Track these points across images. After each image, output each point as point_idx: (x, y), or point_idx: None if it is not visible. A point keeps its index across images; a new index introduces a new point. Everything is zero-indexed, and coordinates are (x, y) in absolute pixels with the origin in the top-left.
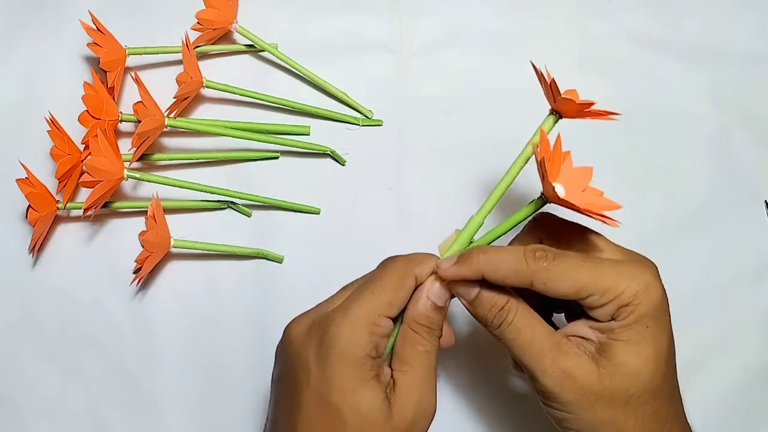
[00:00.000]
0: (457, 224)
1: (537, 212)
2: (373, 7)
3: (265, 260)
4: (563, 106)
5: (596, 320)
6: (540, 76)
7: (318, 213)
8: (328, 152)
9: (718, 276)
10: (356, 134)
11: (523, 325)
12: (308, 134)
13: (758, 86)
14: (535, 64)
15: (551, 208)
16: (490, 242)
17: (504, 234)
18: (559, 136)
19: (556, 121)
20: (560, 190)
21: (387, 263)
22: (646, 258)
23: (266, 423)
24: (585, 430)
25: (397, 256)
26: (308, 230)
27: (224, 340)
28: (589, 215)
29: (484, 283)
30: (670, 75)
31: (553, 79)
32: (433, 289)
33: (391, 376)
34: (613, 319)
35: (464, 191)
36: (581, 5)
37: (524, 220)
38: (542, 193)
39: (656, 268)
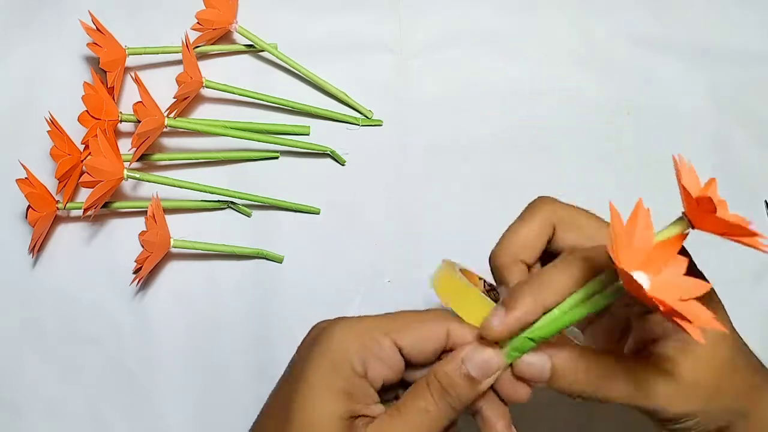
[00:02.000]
0: (457, 224)
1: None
2: (373, 7)
3: (265, 260)
4: (705, 219)
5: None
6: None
7: (318, 213)
8: (328, 152)
9: (718, 276)
10: (356, 134)
11: (615, 373)
12: (308, 134)
13: (758, 86)
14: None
15: None
16: (555, 332)
17: (571, 324)
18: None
19: (686, 230)
20: (642, 281)
21: (430, 309)
22: None
23: None
24: (714, 416)
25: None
26: (308, 230)
27: (224, 340)
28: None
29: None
30: (670, 75)
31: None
32: (472, 353)
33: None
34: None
35: (464, 191)
36: (581, 5)
37: (591, 312)
38: (622, 282)
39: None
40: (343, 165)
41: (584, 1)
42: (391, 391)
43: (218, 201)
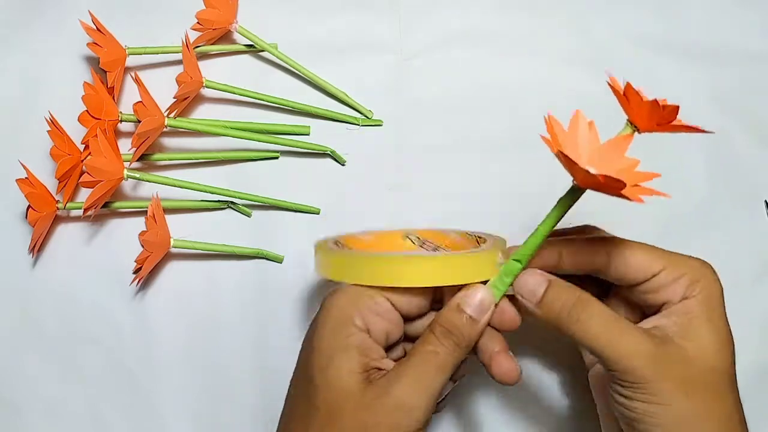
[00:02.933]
0: (457, 224)
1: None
2: (373, 7)
3: (265, 260)
4: (641, 114)
5: (667, 307)
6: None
7: (318, 213)
8: (328, 152)
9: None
10: (356, 134)
11: (606, 317)
12: (308, 134)
13: (758, 86)
14: (613, 81)
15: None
16: (530, 254)
17: (541, 242)
18: (577, 112)
19: (632, 134)
20: (592, 170)
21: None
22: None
23: None
24: (674, 423)
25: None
26: (308, 230)
27: (224, 340)
28: (625, 196)
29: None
30: (670, 75)
31: (628, 84)
32: (467, 296)
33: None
34: (685, 298)
35: (465, 191)
36: (581, 5)
37: (561, 217)
38: (574, 182)
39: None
40: (343, 165)
41: (584, 1)
42: (396, 348)
43: (218, 201)
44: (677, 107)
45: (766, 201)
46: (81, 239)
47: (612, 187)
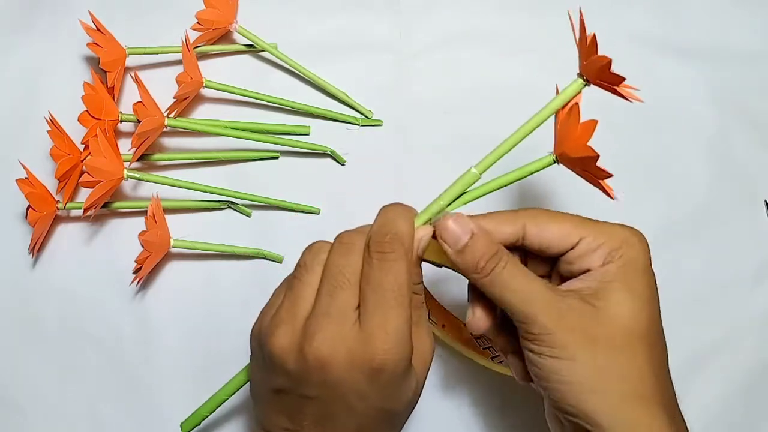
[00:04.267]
0: None
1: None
2: (373, 7)
3: (265, 260)
4: (593, 71)
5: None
6: (582, 28)
7: (318, 213)
8: (328, 152)
9: (718, 276)
10: (356, 134)
11: (517, 272)
12: (308, 134)
13: (758, 86)
14: (572, 17)
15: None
16: (485, 194)
17: (500, 188)
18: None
19: (582, 87)
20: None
21: (382, 271)
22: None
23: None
24: (579, 384)
25: (391, 258)
26: (308, 230)
27: (224, 340)
28: (596, 183)
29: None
30: (670, 75)
31: (594, 36)
32: (421, 246)
33: None
34: (603, 265)
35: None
36: (581, 5)
37: (529, 175)
38: (554, 154)
39: (642, 235)
40: (343, 165)
41: (584, 1)
42: None
43: (218, 201)
44: (609, 59)
45: (766, 201)
46: (81, 239)
47: (598, 175)
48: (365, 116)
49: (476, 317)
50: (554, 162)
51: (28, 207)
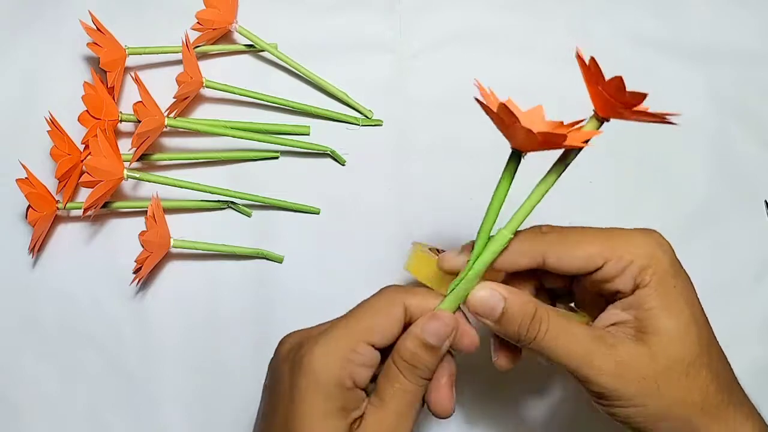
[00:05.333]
0: (457, 224)
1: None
2: (373, 6)
3: (265, 260)
4: (609, 101)
5: (622, 296)
6: (589, 65)
7: (318, 213)
8: (328, 152)
9: (718, 276)
10: (356, 134)
11: (560, 330)
12: (308, 134)
13: (758, 86)
14: (580, 53)
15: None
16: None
17: (491, 226)
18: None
19: (599, 125)
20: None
21: (382, 289)
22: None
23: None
24: (653, 418)
25: (391, 286)
26: (308, 230)
27: (224, 340)
28: (568, 145)
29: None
30: (670, 75)
31: (596, 64)
32: (427, 325)
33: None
34: (637, 287)
35: (464, 191)
36: (581, 5)
37: (508, 190)
38: (513, 148)
39: (662, 236)
40: (343, 165)
41: (584, 1)
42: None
43: (218, 201)
44: (644, 94)
45: (766, 201)
46: (81, 239)
47: (553, 141)
48: (365, 116)
49: (500, 361)
50: (519, 155)
51: (28, 207)
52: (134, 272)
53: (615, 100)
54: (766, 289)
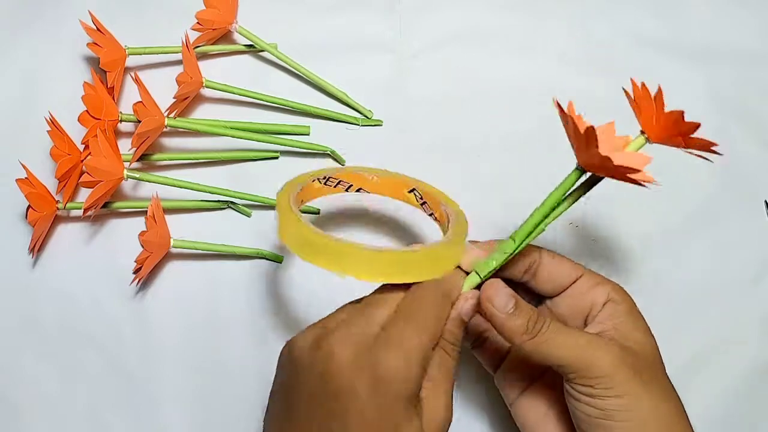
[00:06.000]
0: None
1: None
2: (373, 6)
3: (265, 260)
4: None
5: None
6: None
7: (318, 213)
8: (328, 152)
9: (718, 276)
10: (356, 134)
11: (559, 325)
12: (308, 134)
13: (758, 86)
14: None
15: None
16: (532, 231)
17: (543, 222)
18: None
19: (644, 144)
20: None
21: (423, 291)
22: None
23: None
24: (640, 414)
25: (432, 283)
26: None
27: (224, 340)
28: (628, 179)
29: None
30: (670, 75)
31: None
32: (465, 308)
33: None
34: (609, 302)
35: (464, 191)
36: (581, 5)
37: (565, 194)
38: (578, 164)
39: (625, 295)
40: (343, 165)
41: (584, 1)
42: None
43: (218, 201)
44: (698, 124)
45: (766, 201)
46: (81, 239)
47: (624, 172)
48: (365, 116)
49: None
50: (583, 172)
51: (28, 207)
52: (134, 272)
53: (672, 131)
54: (766, 289)
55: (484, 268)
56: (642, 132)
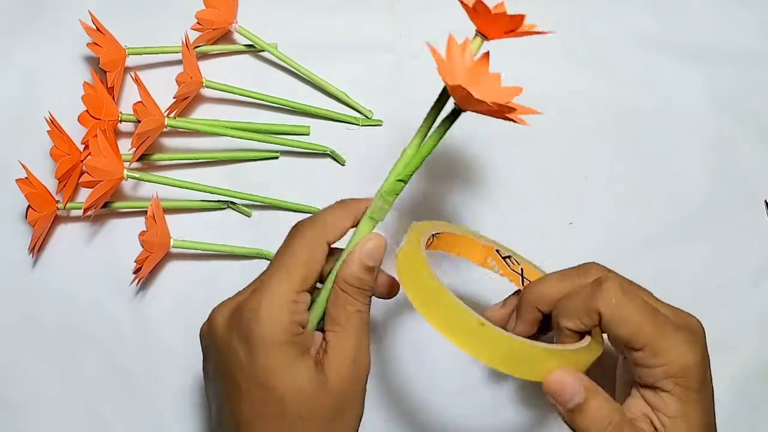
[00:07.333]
0: (456, 224)
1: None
2: (373, 6)
3: (265, 260)
4: (490, 25)
5: (644, 383)
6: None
7: None
8: (328, 152)
9: (718, 276)
10: (356, 134)
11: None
12: (308, 134)
13: (758, 86)
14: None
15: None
16: (419, 165)
17: (429, 154)
18: (450, 37)
19: (481, 44)
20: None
21: (296, 233)
22: (696, 320)
23: (211, 414)
24: None
25: (306, 221)
26: None
27: None
28: (502, 116)
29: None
30: (670, 75)
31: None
32: (365, 250)
33: (324, 339)
34: (658, 388)
35: (464, 191)
36: (581, 5)
37: (444, 134)
38: (455, 104)
39: (703, 331)
40: (343, 165)
41: (584, 1)
42: None
43: (218, 201)
44: (523, 16)
45: (766, 201)
46: (81, 239)
47: (501, 112)
48: (365, 116)
49: (518, 328)
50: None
51: (28, 207)
52: (134, 272)
53: (500, 28)
54: (765, 289)
55: (379, 213)
56: (477, 32)
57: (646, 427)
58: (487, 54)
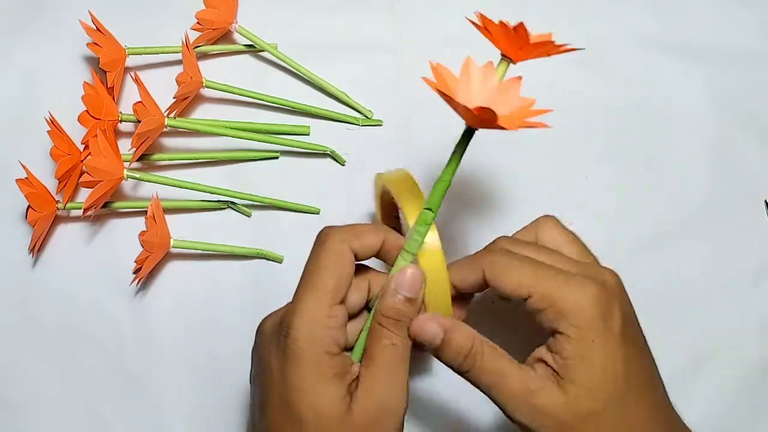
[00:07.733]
0: (457, 225)
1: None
2: (373, 6)
3: (265, 260)
4: (522, 50)
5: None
6: (485, 26)
7: (318, 213)
8: (328, 152)
9: (718, 276)
10: (356, 134)
11: (492, 368)
12: (308, 134)
13: (758, 86)
14: (471, 19)
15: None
16: (443, 192)
17: (447, 188)
18: (467, 59)
19: (507, 68)
20: (468, 105)
21: (320, 245)
22: (605, 270)
23: (251, 414)
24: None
25: (331, 230)
26: (308, 230)
27: (224, 340)
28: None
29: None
30: (670, 75)
31: (501, 22)
32: (401, 280)
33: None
34: (555, 331)
35: (464, 191)
36: (581, 5)
37: (460, 159)
38: (467, 125)
39: (612, 279)
40: (343, 165)
41: (584, 1)
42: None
43: (218, 201)
44: (522, 24)
45: (766, 201)
46: (81, 239)
47: (486, 119)
48: (365, 116)
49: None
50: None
51: (28, 207)
52: (134, 272)
53: (513, 45)
54: (765, 289)
55: (413, 245)
56: (503, 56)
57: (540, 369)
58: (519, 78)
